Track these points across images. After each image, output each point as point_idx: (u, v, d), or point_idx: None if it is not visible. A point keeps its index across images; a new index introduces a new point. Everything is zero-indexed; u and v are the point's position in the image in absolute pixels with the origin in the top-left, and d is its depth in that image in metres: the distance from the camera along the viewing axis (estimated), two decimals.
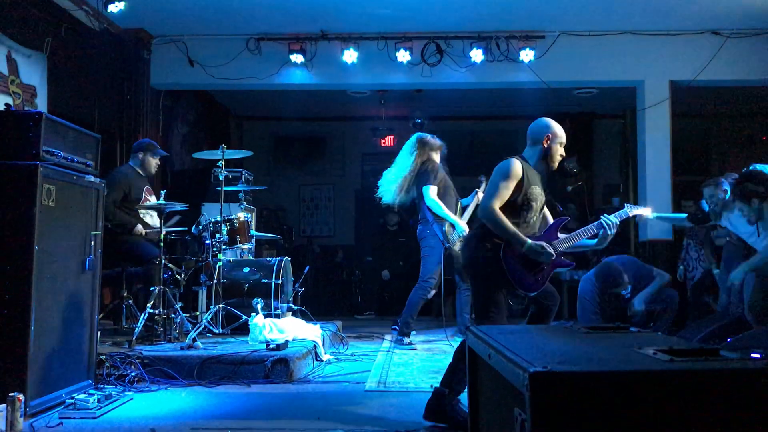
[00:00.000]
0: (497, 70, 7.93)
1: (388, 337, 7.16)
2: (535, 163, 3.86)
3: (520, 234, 3.65)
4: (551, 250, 3.69)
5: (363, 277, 10.40)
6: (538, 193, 3.80)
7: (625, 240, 8.74)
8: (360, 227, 11.53)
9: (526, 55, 7.69)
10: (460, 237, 6.29)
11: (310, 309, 8.26)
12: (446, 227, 6.42)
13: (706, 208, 5.81)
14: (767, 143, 11.18)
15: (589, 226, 3.91)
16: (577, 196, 9.07)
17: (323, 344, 5.86)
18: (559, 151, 3.91)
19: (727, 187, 6.48)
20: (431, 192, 6.36)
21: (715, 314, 6.86)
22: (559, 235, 3.83)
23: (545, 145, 3.86)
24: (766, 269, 5.82)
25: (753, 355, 5.53)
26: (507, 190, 3.67)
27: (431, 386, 3.76)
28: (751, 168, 6.09)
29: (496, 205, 3.65)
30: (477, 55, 7.73)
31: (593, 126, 11.42)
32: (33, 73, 6.26)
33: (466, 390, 3.64)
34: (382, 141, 11.37)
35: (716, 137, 11.44)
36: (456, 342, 5.90)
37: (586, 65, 7.94)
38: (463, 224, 6.43)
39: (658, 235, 7.95)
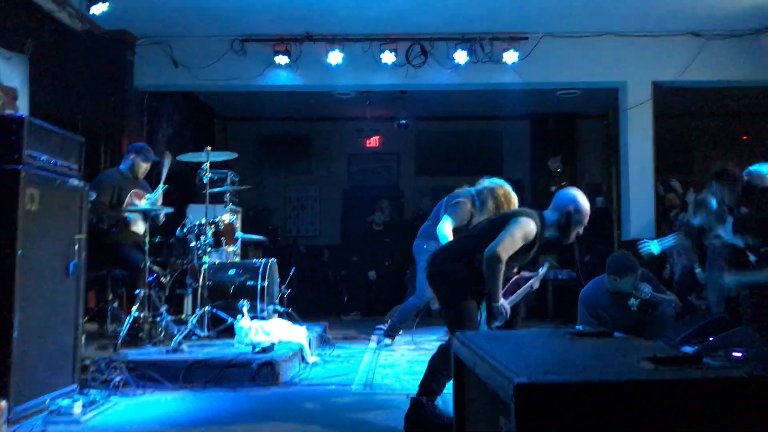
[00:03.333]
0: (481, 72, 7.95)
1: (373, 338, 7.18)
2: (549, 228, 3.88)
3: (500, 292, 3.71)
4: (507, 313, 3.78)
5: (349, 277, 10.41)
6: (532, 253, 3.87)
7: (608, 240, 8.80)
8: (346, 227, 11.54)
9: (510, 57, 7.72)
10: None
11: (297, 310, 8.25)
12: None
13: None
14: (748, 143, 11.30)
15: (528, 284, 4.19)
16: None
17: (309, 346, 5.87)
18: (577, 230, 3.89)
19: (714, 204, 6.56)
20: (446, 226, 6.21)
21: (697, 314, 6.93)
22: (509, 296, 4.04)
23: (565, 219, 3.85)
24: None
25: (734, 353, 5.60)
26: (518, 246, 3.71)
27: (407, 396, 3.78)
28: (745, 172, 6.16)
29: (505, 257, 3.66)
30: (461, 56, 7.75)
31: (577, 126, 11.49)
32: (13, 74, 6.20)
33: (443, 392, 3.71)
34: (368, 141, 11.40)
35: (698, 137, 11.55)
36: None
37: (569, 66, 7.99)
38: None
39: (641, 234, 7.99)
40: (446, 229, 6.20)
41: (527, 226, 3.72)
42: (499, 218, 3.95)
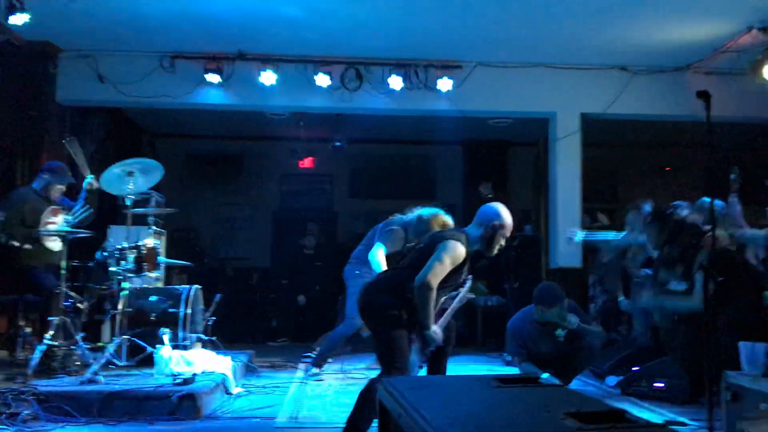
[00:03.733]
0: (416, 98, 7.98)
1: (301, 366, 7.02)
2: (474, 243, 3.90)
3: (432, 319, 3.72)
4: (440, 338, 3.81)
5: (278, 301, 10.20)
6: (464, 272, 3.87)
7: (536, 267, 8.91)
8: (276, 250, 11.30)
9: (444, 84, 7.77)
10: None
11: (222, 335, 8.02)
12: None
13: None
14: (671, 174, 11.70)
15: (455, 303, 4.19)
16: None
17: (234, 376, 5.68)
18: (500, 242, 3.95)
19: (648, 211, 6.73)
20: (379, 253, 6.14)
21: (622, 343, 7.07)
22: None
23: (490, 233, 3.90)
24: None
25: (656, 384, 5.67)
26: (447, 270, 3.70)
27: None
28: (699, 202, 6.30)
29: (435, 283, 3.65)
30: (396, 82, 7.75)
31: (508, 153, 11.66)
32: None
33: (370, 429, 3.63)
34: (301, 162, 11.24)
35: (624, 167, 11.89)
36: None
37: (501, 96, 8.10)
38: None
39: (568, 263, 8.14)
40: (379, 256, 6.14)
41: (455, 250, 3.73)
42: (426, 244, 3.92)
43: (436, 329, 3.78)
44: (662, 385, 5.49)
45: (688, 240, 5.43)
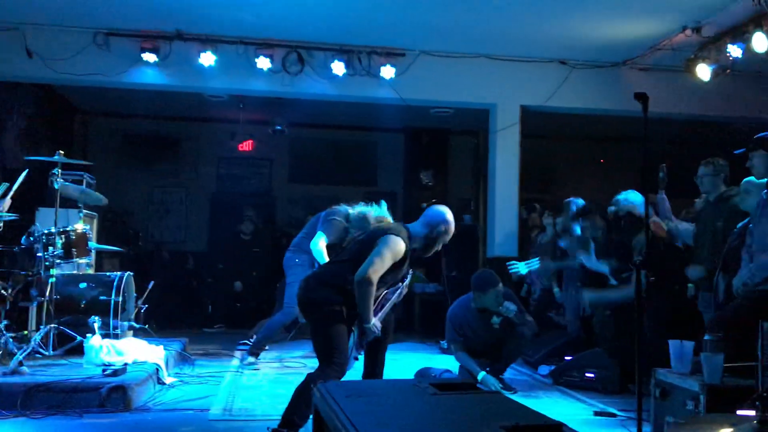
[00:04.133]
0: (358, 85, 7.91)
1: (237, 354, 6.93)
2: (414, 243, 3.93)
3: (372, 313, 3.74)
4: (378, 330, 3.83)
5: (214, 286, 10.02)
6: (404, 268, 3.87)
7: (473, 257, 9.01)
8: (213, 234, 11.07)
9: (387, 72, 7.72)
10: None
11: (157, 321, 7.85)
12: None
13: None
14: (604, 166, 11.98)
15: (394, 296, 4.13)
16: None
17: (167, 365, 5.56)
18: (439, 246, 4.01)
19: (575, 207, 6.89)
20: (321, 242, 6.11)
21: (554, 332, 7.22)
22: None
23: (434, 235, 3.94)
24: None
25: (587, 374, 5.81)
26: (388, 266, 3.70)
27: (267, 428, 3.64)
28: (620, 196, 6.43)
29: (375, 279, 3.65)
30: (339, 67, 7.66)
31: (449, 142, 11.70)
32: None
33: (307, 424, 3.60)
34: (241, 145, 11.02)
35: (560, 159, 12.10)
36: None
37: (444, 86, 8.10)
38: None
39: (505, 252, 8.24)
40: (320, 245, 6.11)
41: (396, 246, 3.74)
42: (367, 238, 3.90)
43: (375, 322, 3.80)
44: (593, 375, 5.64)
45: (629, 223, 5.59)
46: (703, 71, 7.28)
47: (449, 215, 4.00)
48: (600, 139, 11.66)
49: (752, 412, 2.72)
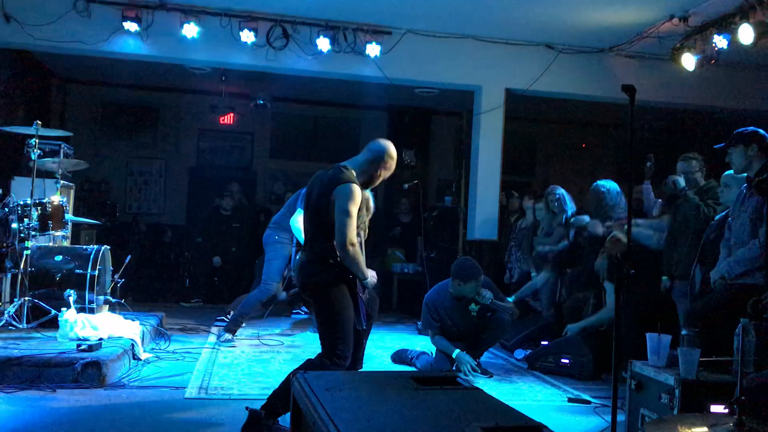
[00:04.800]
0: (343, 61, 7.82)
1: (214, 330, 6.91)
2: (361, 179, 3.77)
3: (365, 268, 3.70)
4: (375, 278, 3.82)
5: (192, 260, 9.95)
6: (365, 211, 3.81)
7: (453, 238, 9.02)
8: (192, 207, 10.96)
9: (372, 50, 7.64)
10: None
11: (133, 293, 7.78)
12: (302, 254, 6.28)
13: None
14: (586, 150, 12.03)
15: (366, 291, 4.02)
16: (411, 194, 9.24)
17: (143, 340, 5.53)
18: (378, 181, 3.89)
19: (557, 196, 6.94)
20: (299, 218, 6.07)
21: (531, 317, 7.28)
22: None
23: (377, 171, 3.82)
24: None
25: (563, 360, 5.84)
26: (356, 215, 3.61)
27: (246, 408, 3.60)
28: (594, 185, 6.47)
29: (354, 237, 3.58)
30: (324, 43, 7.56)
31: (432, 122, 11.67)
32: None
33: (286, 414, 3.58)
34: (222, 118, 10.88)
35: (543, 142, 12.14)
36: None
37: (429, 66, 8.03)
38: None
39: (485, 235, 8.27)
40: (299, 222, 6.07)
41: (354, 193, 3.58)
42: (319, 194, 3.70)
43: (372, 275, 3.79)
44: (568, 361, 5.69)
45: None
46: (689, 61, 7.29)
47: (391, 148, 3.88)
48: (583, 124, 11.69)
49: (725, 410, 2.77)
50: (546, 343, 6.26)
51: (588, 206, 6.79)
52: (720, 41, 6.85)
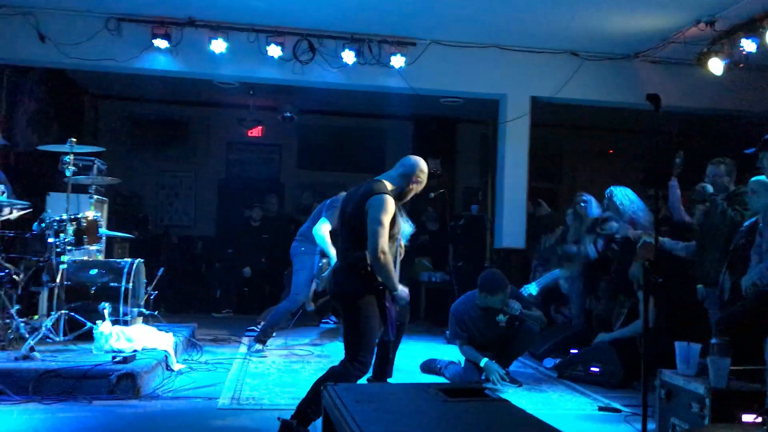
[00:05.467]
0: (368, 73, 7.90)
1: (245, 340, 7.00)
2: (394, 193, 3.86)
3: (396, 279, 3.77)
4: (407, 295, 3.91)
5: (223, 271, 10.07)
6: (399, 223, 3.86)
7: (481, 247, 9.03)
8: (222, 219, 11.12)
9: (397, 61, 7.71)
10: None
11: (165, 304, 7.90)
12: (324, 263, 6.37)
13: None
14: (613, 156, 11.96)
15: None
16: (438, 202, 9.27)
17: (175, 351, 5.62)
18: (417, 189, 4.00)
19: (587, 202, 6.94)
20: (323, 227, 6.17)
21: (560, 325, 7.25)
22: None
23: (409, 186, 3.94)
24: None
25: (592, 368, 5.83)
26: (388, 226, 3.68)
27: (278, 418, 3.67)
28: (608, 192, 6.49)
29: (386, 247, 3.66)
30: (349, 56, 7.65)
31: (457, 131, 11.71)
32: None
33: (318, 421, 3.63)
34: (250, 131, 11.05)
35: (570, 149, 12.08)
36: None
37: (454, 76, 8.08)
38: None
39: (513, 244, 8.26)
40: (322, 231, 6.17)
41: (386, 204, 3.69)
42: (354, 207, 3.80)
43: (403, 288, 3.88)
44: (598, 369, 5.66)
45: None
46: (716, 65, 7.24)
47: (423, 164, 4.01)
48: (609, 130, 11.62)
49: (757, 419, 2.76)
50: (575, 351, 6.23)
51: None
52: (748, 45, 6.81)
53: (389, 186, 3.85)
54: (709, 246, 5.10)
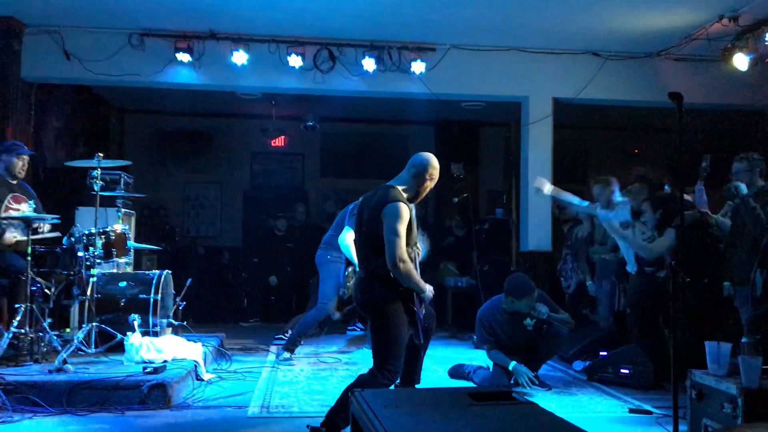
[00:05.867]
0: (389, 80, 7.93)
1: (273, 349, 7.04)
2: (409, 195, 3.88)
3: (421, 281, 3.77)
4: (432, 292, 3.88)
5: (249, 280, 10.16)
6: (415, 227, 3.86)
7: (506, 251, 8.99)
8: (248, 229, 11.23)
9: (417, 67, 7.72)
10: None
11: (194, 314, 7.98)
12: (350, 271, 6.40)
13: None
14: (638, 156, 11.83)
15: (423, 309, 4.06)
16: (462, 207, 9.25)
17: (205, 361, 5.67)
18: (429, 187, 4.00)
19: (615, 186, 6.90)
20: (348, 236, 6.20)
21: (588, 327, 7.18)
22: None
23: (423, 184, 3.94)
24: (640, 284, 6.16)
25: (622, 370, 5.77)
26: (405, 233, 3.69)
27: (307, 426, 3.69)
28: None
29: (404, 255, 3.66)
30: (369, 63, 7.68)
31: (479, 134, 11.68)
32: None
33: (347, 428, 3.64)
34: (273, 141, 11.15)
35: (594, 149, 11.99)
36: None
37: (475, 79, 8.08)
38: None
39: (538, 247, 8.22)
40: (347, 240, 6.17)
41: (401, 212, 3.69)
42: (370, 216, 3.80)
43: (429, 289, 3.88)
44: (628, 371, 5.61)
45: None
46: (740, 61, 7.15)
47: (432, 159, 3.99)
48: (634, 130, 11.52)
49: None
50: (605, 353, 6.17)
51: None
52: None
53: (403, 190, 3.85)
54: (738, 244, 5.03)
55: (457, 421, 1.92)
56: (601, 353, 6.28)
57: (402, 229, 3.67)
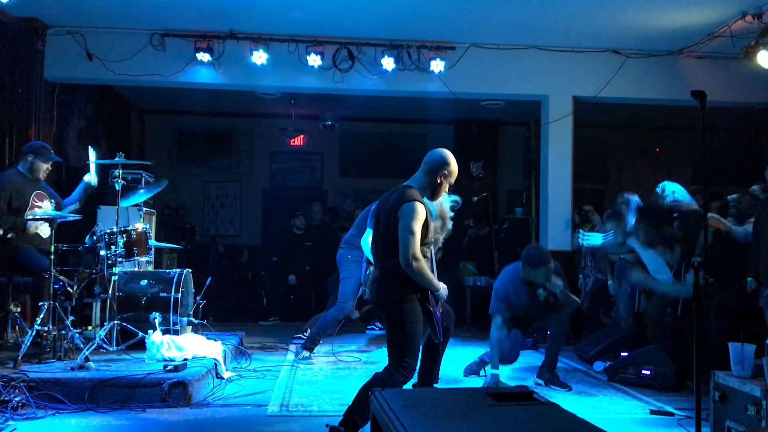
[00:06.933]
0: (408, 79, 7.92)
1: (292, 348, 7.06)
2: (425, 194, 3.88)
3: (435, 279, 3.78)
4: (446, 291, 3.89)
5: (269, 278, 10.20)
6: (432, 227, 3.85)
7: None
8: (267, 227, 11.29)
9: (437, 66, 7.71)
10: None
11: (213, 313, 8.02)
12: (371, 270, 6.40)
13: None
14: (660, 155, 11.74)
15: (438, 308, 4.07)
16: (481, 206, 9.21)
17: (224, 360, 5.70)
18: (446, 188, 3.96)
19: (636, 202, 6.82)
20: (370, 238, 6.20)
21: (609, 327, 7.13)
22: None
23: (438, 180, 3.90)
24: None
25: (644, 371, 5.72)
26: (420, 233, 3.68)
27: (327, 425, 3.69)
28: (660, 187, 6.38)
29: (418, 253, 3.66)
30: (388, 63, 7.68)
31: (499, 133, 11.65)
32: None
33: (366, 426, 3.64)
34: (292, 140, 11.18)
35: (615, 148, 11.91)
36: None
37: (494, 78, 8.05)
38: None
39: (558, 246, 8.16)
40: (369, 242, 6.16)
41: (417, 212, 3.67)
42: (386, 216, 3.79)
43: (443, 287, 3.88)
44: (649, 372, 5.56)
45: (694, 219, 5.52)
46: (765, 58, 7.04)
47: (447, 155, 3.95)
48: (655, 128, 11.41)
49: None
50: (626, 354, 6.12)
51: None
52: None
53: (419, 189, 3.83)
54: (763, 244, 4.96)
55: (478, 422, 1.91)
56: (622, 354, 6.23)
57: (417, 228, 3.66)
